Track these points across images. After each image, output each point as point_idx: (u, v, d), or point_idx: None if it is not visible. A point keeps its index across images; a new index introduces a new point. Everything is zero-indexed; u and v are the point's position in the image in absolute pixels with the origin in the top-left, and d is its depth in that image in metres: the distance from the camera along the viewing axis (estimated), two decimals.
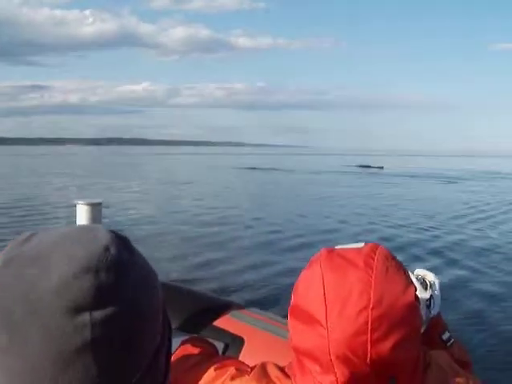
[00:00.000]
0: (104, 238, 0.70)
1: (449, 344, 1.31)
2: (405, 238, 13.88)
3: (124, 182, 33.13)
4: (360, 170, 56.81)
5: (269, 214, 18.38)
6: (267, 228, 15.26)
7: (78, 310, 0.64)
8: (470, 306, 8.18)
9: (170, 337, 0.77)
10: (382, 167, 59.45)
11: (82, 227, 0.76)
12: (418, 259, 10.95)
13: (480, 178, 41.74)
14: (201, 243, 13.05)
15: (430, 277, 1.42)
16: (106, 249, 0.68)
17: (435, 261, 11.10)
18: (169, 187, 30.41)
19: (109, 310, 0.65)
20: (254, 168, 55.41)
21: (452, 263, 11.06)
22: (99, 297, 0.65)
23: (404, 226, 15.79)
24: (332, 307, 0.92)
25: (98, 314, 0.64)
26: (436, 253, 12.08)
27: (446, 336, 1.32)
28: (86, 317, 0.64)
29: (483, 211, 19.83)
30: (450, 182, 37.05)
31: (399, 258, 1.02)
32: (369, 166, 61.61)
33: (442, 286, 1.42)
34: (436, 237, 14.24)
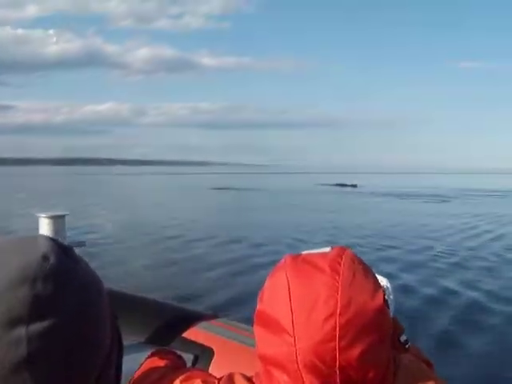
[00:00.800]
0: (43, 246, 0.67)
1: (407, 346, 1.32)
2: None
3: (91, 202, 32.62)
4: (337, 188, 56.84)
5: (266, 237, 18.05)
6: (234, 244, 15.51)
7: (12, 323, 0.61)
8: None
9: (120, 347, 0.74)
10: (355, 185, 59.96)
11: (22, 237, 0.74)
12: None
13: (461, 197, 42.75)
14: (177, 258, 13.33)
15: (382, 281, 1.42)
16: (45, 258, 0.65)
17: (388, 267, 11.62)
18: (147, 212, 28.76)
19: (47, 323, 0.61)
20: (228, 188, 54.34)
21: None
22: (36, 308, 0.61)
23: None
24: (298, 314, 0.89)
25: (35, 327, 0.61)
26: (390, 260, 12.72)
27: (403, 338, 1.31)
28: (21, 330, 0.60)
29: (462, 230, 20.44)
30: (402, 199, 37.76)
31: None
32: (344, 185, 61.74)
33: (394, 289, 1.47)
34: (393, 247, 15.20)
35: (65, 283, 0.64)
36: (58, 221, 3.64)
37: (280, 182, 77.73)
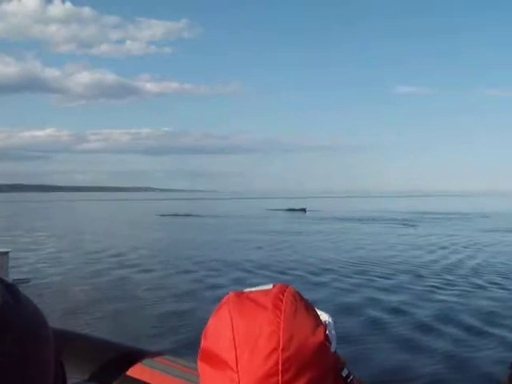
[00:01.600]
0: None
1: (349, 380, 1.21)
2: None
3: (32, 233, 32.50)
4: (287, 213, 57.49)
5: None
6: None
7: None
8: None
9: None
10: (304, 209, 61.32)
11: None
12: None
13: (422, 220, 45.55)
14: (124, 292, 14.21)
15: (324, 316, 1.27)
16: None
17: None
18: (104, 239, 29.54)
19: None
20: (177, 214, 53.94)
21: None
22: None
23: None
24: (242, 351, 0.91)
25: None
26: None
27: (345, 373, 1.20)
28: None
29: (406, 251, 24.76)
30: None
31: None
32: (293, 210, 62.79)
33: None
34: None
35: (7, 323, 0.62)
36: (1, 257, 3.83)
37: (230, 207, 76.93)
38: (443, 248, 25.71)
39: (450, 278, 17.37)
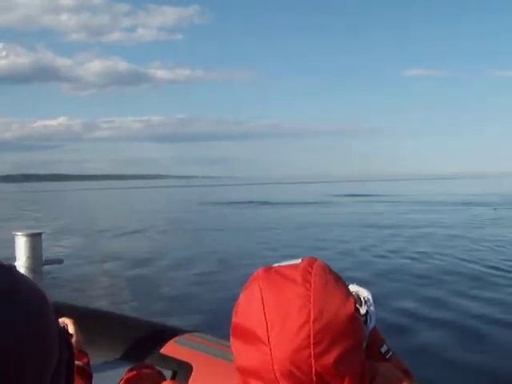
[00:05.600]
0: None
1: (388, 356, 1.35)
2: None
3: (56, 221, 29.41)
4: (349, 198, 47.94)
5: None
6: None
7: None
8: None
9: (70, 363, 0.73)
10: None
11: None
12: None
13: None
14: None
15: (364, 293, 1.42)
16: None
17: None
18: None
19: None
20: (232, 202, 42.31)
21: None
22: None
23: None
24: (273, 324, 0.92)
25: None
26: None
27: (384, 349, 1.35)
28: None
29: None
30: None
31: None
32: (357, 195, 52.58)
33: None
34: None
35: (6, 302, 0.62)
36: (34, 239, 3.47)
37: (279, 193, 66.15)
38: None
39: None
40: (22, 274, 0.69)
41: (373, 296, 1.38)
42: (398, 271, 12.53)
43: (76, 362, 1.55)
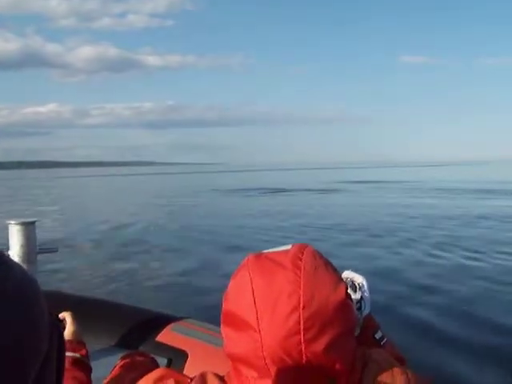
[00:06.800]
0: None
1: (382, 343, 1.34)
2: None
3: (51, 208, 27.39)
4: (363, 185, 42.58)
5: None
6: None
7: None
8: None
9: (60, 351, 0.72)
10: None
11: None
12: None
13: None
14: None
15: (359, 279, 1.41)
16: None
17: None
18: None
19: None
20: (251, 189, 38.19)
21: None
22: None
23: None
24: (263, 310, 0.91)
25: None
26: None
27: (378, 335, 1.34)
28: None
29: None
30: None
31: None
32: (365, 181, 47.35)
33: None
34: None
35: None
36: (28, 227, 3.47)
37: (284, 179, 61.32)
38: None
39: None
40: (14, 262, 0.69)
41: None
42: None
43: (74, 354, 1.56)
